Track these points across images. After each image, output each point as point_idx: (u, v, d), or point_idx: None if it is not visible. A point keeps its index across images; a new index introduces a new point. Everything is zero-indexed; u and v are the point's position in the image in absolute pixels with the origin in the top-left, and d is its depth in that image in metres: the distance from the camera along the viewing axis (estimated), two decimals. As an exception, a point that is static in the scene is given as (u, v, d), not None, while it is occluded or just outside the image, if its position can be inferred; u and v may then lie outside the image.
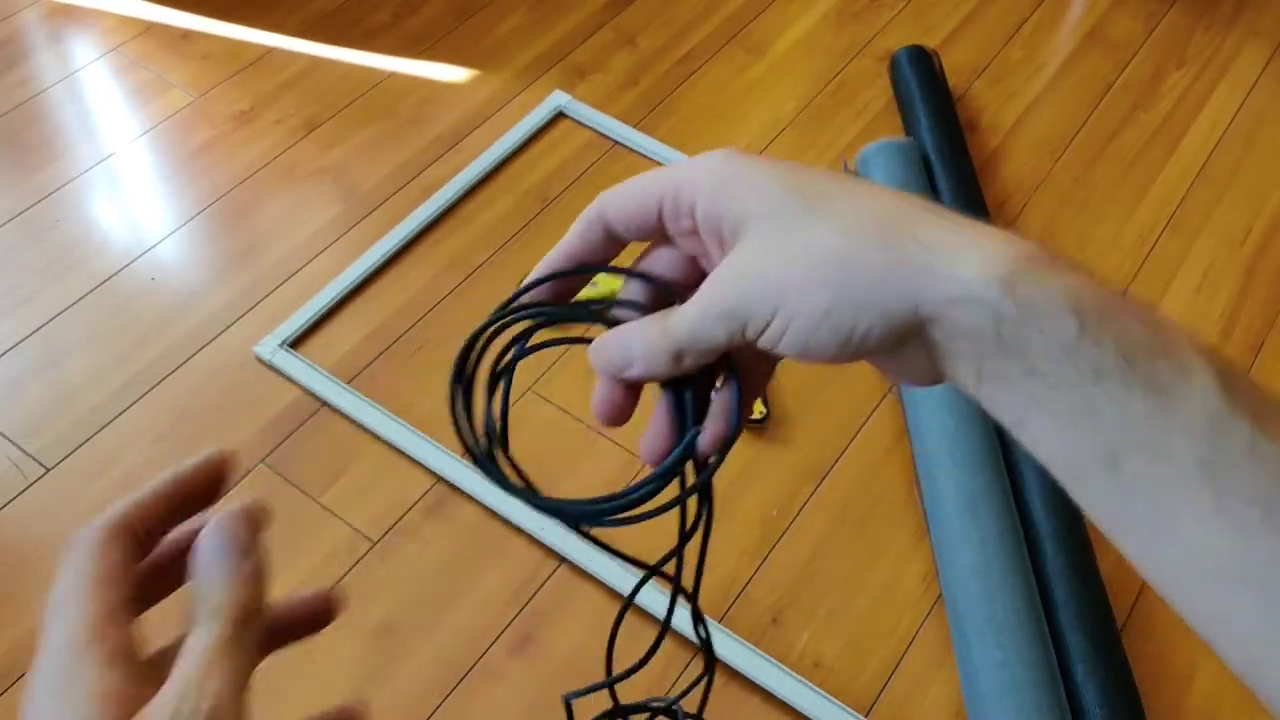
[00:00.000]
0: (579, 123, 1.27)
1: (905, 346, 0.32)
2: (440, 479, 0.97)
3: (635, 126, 1.27)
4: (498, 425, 0.38)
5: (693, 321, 0.33)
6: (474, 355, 0.37)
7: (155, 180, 1.19)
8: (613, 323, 0.37)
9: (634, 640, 0.41)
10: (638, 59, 1.36)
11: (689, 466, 0.38)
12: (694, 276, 0.36)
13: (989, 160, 1.27)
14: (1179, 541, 0.30)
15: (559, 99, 1.28)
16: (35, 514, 0.94)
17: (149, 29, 1.35)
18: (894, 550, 0.95)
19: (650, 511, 0.37)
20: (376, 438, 0.99)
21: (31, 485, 0.95)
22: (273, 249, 1.13)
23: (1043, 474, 0.94)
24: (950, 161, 1.17)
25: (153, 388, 1.02)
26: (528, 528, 0.93)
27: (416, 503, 0.96)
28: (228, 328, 1.07)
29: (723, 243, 0.33)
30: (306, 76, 1.31)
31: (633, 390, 0.38)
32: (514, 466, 0.38)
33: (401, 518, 0.95)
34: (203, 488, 0.33)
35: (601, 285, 1.08)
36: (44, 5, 1.36)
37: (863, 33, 1.41)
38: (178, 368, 1.03)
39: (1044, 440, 0.31)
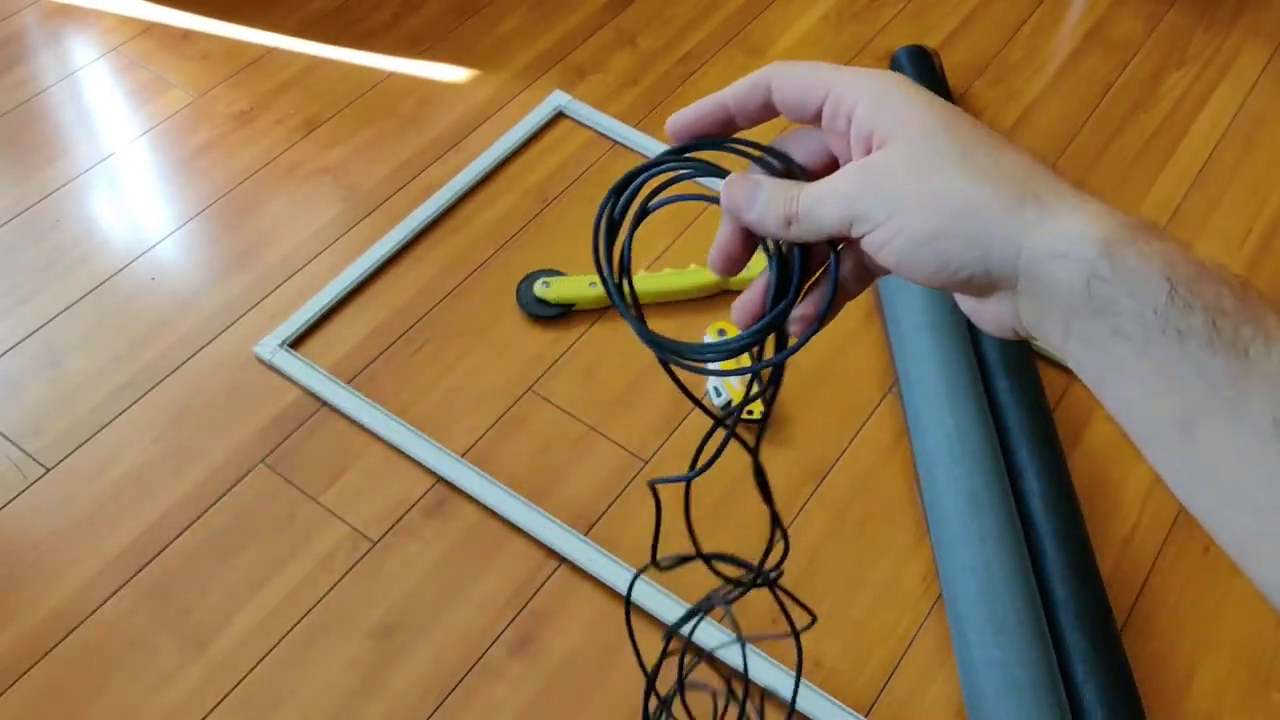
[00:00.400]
0: (579, 123, 1.27)
1: (995, 292, 0.34)
2: (440, 479, 0.97)
3: (635, 126, 1.27)
4: (625, 261, 0.42)
5: (815, 197, 0.36)
6: (622, 198, 0.41)
7: (155, 180, 1.19)
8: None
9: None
10: (638, 59, 1.36)
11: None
12: (826, 169, 0.38)
13: (989, 160, 1.27)
14: (1250, 503, 0.31)
15: (559, 99, 1.28)
16: (35, 514, 0.94)
17: (149, 29, 1.35)
18: (894, 550, 0.95)
19: (731, 370, 0.42)
20: (376, 438, 0.99)
21: (31, 485, 0.95)
22: (273, 249, 1.13)
23: (1042, 474, 0.94)
24: (950, 161, 1.17)
25: (153, 387, 1.02)
26: (528, 528, 0.93)
27: (417, 503, 0.96)
28: (228, 328, 1.07)
29: (868, 152, 0.36)
30: (306, 76, 1.31)
31: (747, 245, 0.40)
32: (634, 301, 0.42)
33: (401, 518, 0.95)
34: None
35: (602, 285, 1.08)
36: (44, 5, 1.36)
37: (863, 32, 1.41)
38: (178, 367, 1.03)
39: (1122, 400, 0.32)
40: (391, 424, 0.99)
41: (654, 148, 1.24)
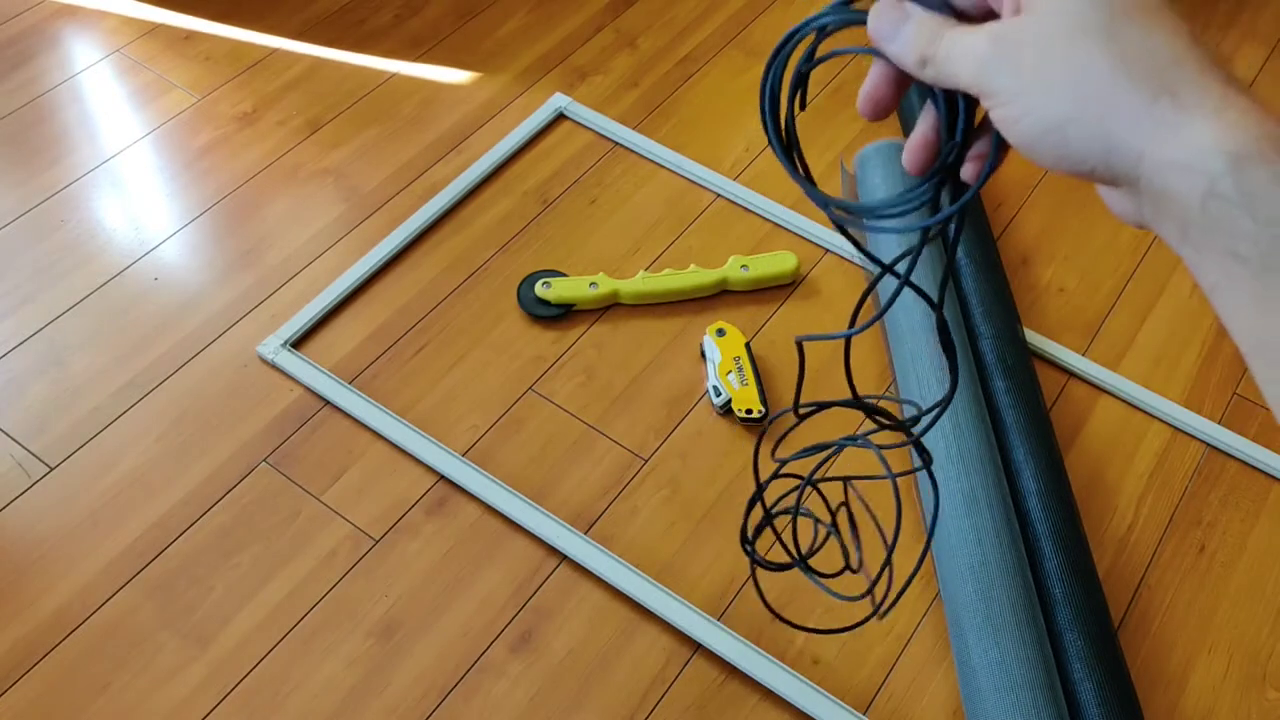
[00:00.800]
0: (580, 124, 1.28)
1: (1119, 187, 0.33)
2: (441, 478, 0.98)
3: (635, 128, 1.28)
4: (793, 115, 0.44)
5: (955, 46, 0.35)
6: (782, 55, 0.43)
7: (158, 181, 1.20)
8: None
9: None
10: (638, 61, 1.36)
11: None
12: (984, 13, 0.37)
13: (987, 162, 1.28)
14: None
15: (560, 101, 1.29)
16: (39, 513, 0.94)
17: (152, 31, 1.35)
18: (892, 549, 0.95)
19: (906, 225, 0.41)
20: (378, 437, 1.00)
21: (35, 484, 0.96)
22: (275, 249, 1.14)
23: (1039, 474, 0.94)
24: (948, 163, 1.18)
25: (156, 387, 1.03)
26: (528, 526, 0.94)
27: (418, 501, 0.96)
28: (230, 327, 1.07)
29: (1018, 5, 0.34)
30: (309, 78, 1.31)
31: (895, 89, 0.40)
32: (801, 160, 0.44)
33: (403, 516, 0.95)
34: None
35: (602, 286, 1.09)
36: (47, 7, 1.36)
37: (862, 34, 1.41)
38: (180, 367, 1.04)
39: (1232, 312, 0.31)
40: (393, 423, 1.00)
41: (654, 149, 1.24)
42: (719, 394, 1.02)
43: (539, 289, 1.09)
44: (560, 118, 1.28)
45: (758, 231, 1.19)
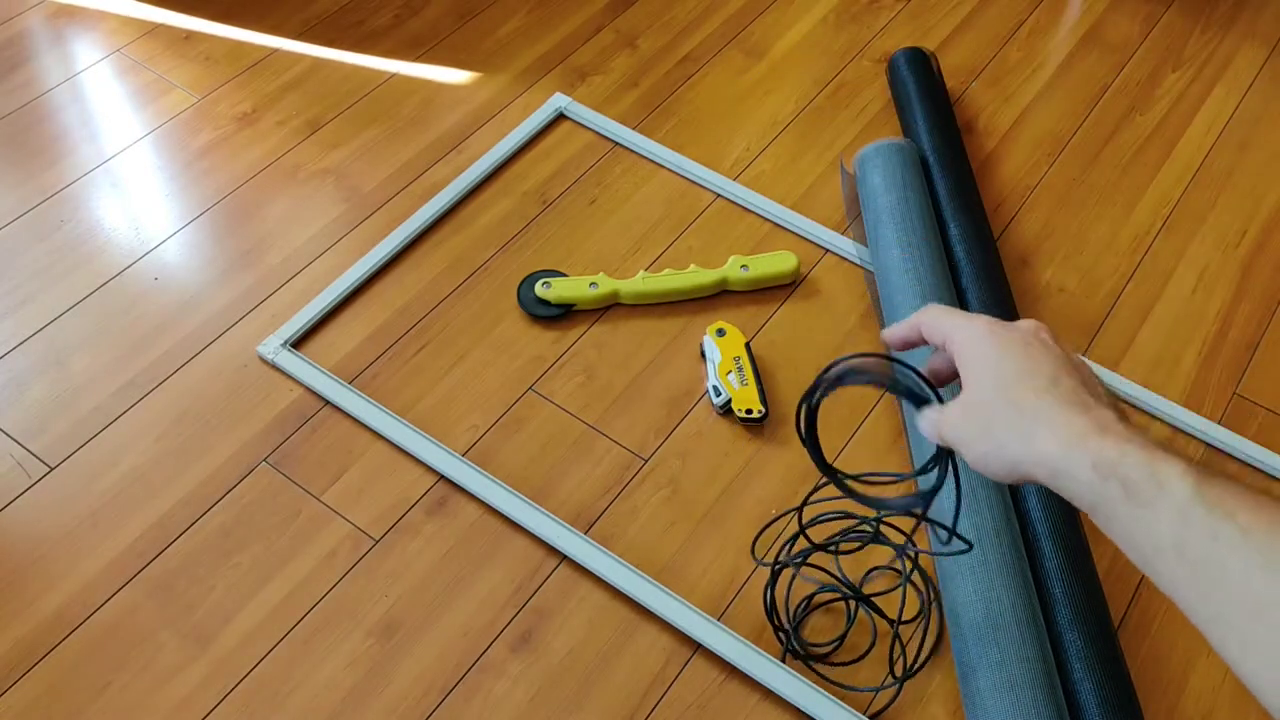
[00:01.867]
0: (580, 124, 1.28)
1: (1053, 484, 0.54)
2: (442, 477, 0.98)
3: (635, 128, 1.28)
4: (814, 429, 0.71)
5: (944, 423, 0.61)
6: (816, 397, 0.67)
7: (158, 181, 1.20)
8: (907, 392, 0.65)
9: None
10: (638, 61, 1.36)
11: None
12: (953, 372, 0.63)
13: (986, 161, 1.28)
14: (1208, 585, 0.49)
15: (559, 101, 1.29)
16: (39, 512, 0.94)
17: (152, 31, 1.35)
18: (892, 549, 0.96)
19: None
20: (378, 436, 1.00)
21: (35, 484, 0.96)
22: (275, 249, 1.14)
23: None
24: (948, 162, 1.18)
25: (156, 387, 1.03)
26: (528, 526, 0.94)
27: (418, 501, 0.96)
28: (230, 327, 1.07)
29: (962, 379, 0.60)
30: (308, 78, 1.31)
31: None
32: (846, 477, 0.71)
33: (403, 516, 0.95)
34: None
35: (602, 286, 1.09)
36: (47, 7, 1.36)
37: (861, 34, 1.42)
38: (181, 367, 1.04)
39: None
40: (393, 423, 1.00)
41: (654, 149, 1.25)
42: (719, 394, 1.02)
43: (539, 289, 1.09)
44: (560, 118, 1.28)
45: (758, 231, 1.19)
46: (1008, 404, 0.54)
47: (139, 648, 0.87)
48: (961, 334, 0.59)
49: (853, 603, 0.90)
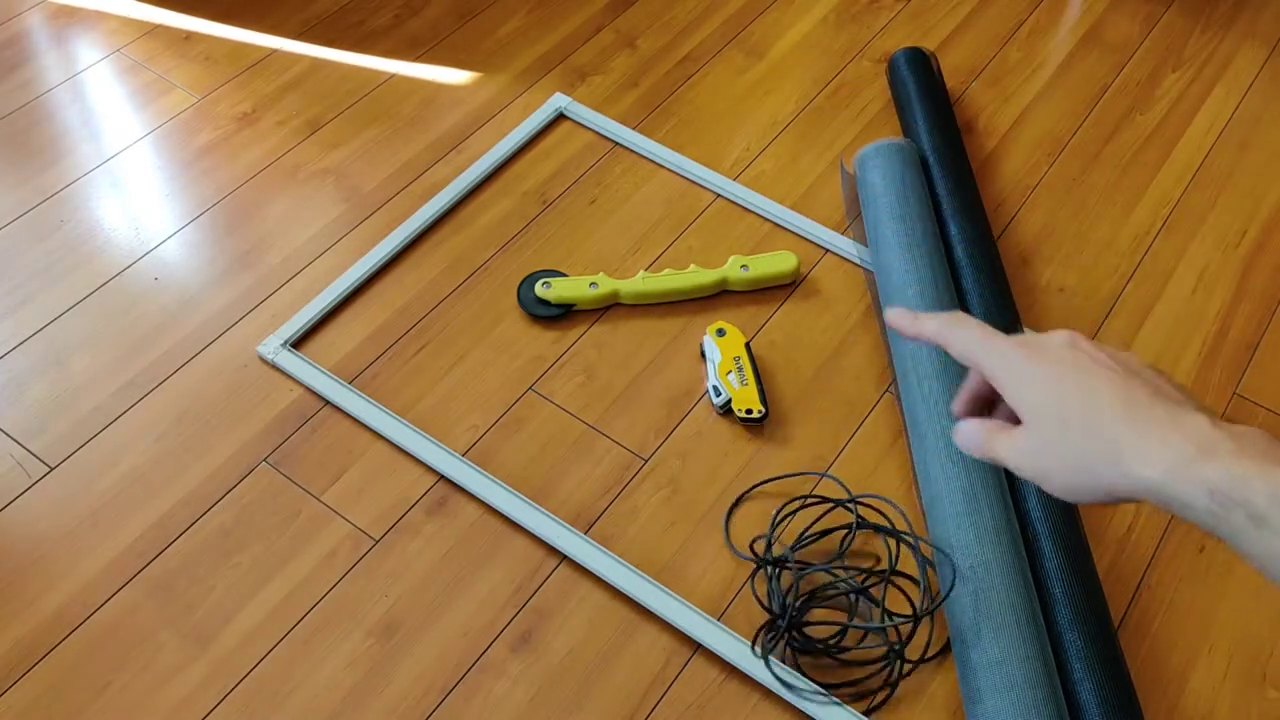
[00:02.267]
0: (580, 124, 1.28)
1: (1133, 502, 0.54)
2: (442, 477, 0.98)
3: (635, 128, 1.28)
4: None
5: (1016, 461, 0.55)
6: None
7: (158, 181, 1.20)
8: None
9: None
10: (638, 61, 1.36)
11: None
12: (993, 392, 0.59)
13: (987, 161, 1.28)
14: None
15: (559, 101, 1.29)
16: (39, 512, 0.94)
17: (152, 31, 1.35)
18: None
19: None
20: (378, 436, 1.00)
21: (35, 484, 0.96)
22: (275, 249, 1.14)
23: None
24: (948, 162, 1.18)
25: (156, 387, 1.03)
26: (528, 526, 0.94)
27: (418, 501, 0.96)
28: (230, 327, 1.07)
29: (1019, 415, 0.55)
30: (308, 78, 1.31)
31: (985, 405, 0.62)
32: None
33: (403, 516, 0.95)
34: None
35: (602, 286, 1.09)
36: (47, 7, 1.36)
37: (861, 34, 1.42)
38: (180, 367, 1.04)
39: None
40: (393, 423, 1.00)
41: (654, 149, 1.25)
42: (719, 394, 1.02)
43: (539, 289, 1.09)
44: (560, 118, 1.28)
45: (758, 231, 1.19)
46: (1085, 433, 0.51)
47: (139, 648, 0.87)
48: (995, 362, 0.56)
49: (853, 596, 0.90)
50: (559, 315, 1.09)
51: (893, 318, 0.61)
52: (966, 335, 0.58)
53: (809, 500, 0.96)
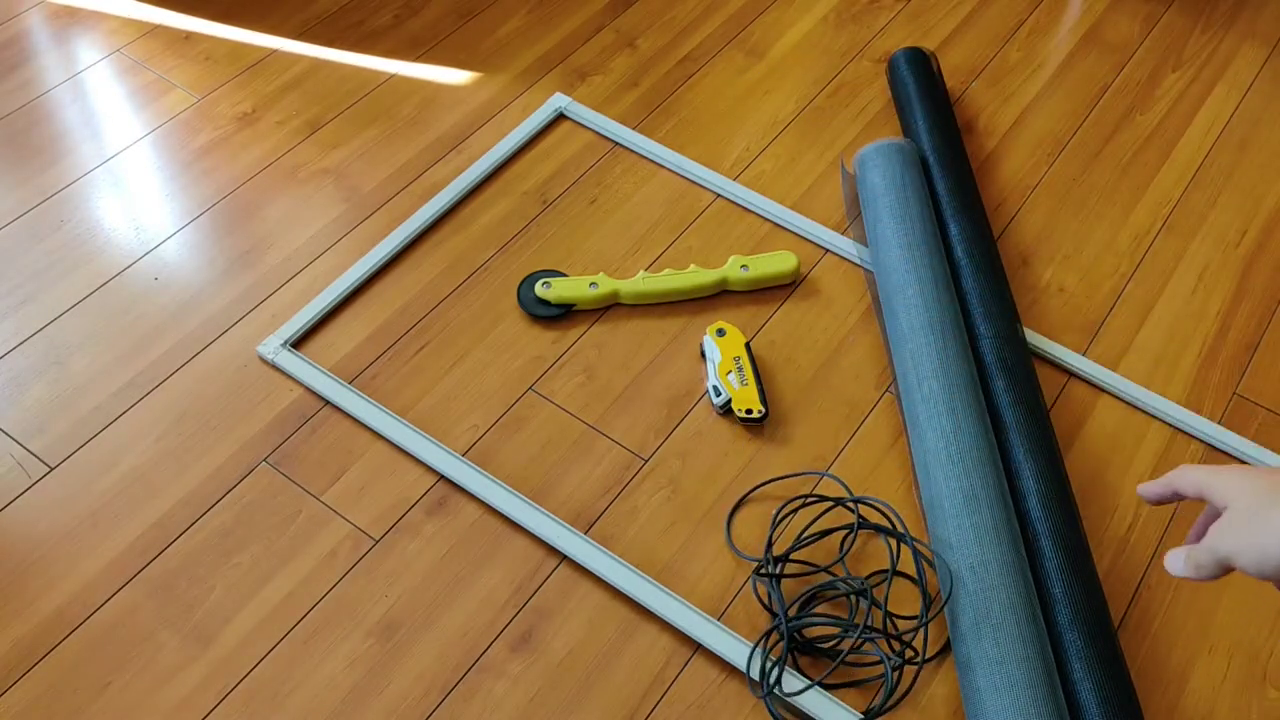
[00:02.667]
0: (580, 124, 1.28)
1: None
2: (442, 477, 0.98)
3: (635, 128, 1.28)
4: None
5: (1215, 544, 0.59)
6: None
7: (158, 181, 1.20)
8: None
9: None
10: (638, 61, 1.36)
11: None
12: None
13: (987, 161, 1.28)
14: None
15: (559, 101, 1.29)
16: (39, 512, 0.94)
17: (152, 31, 1.35)
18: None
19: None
20: (378, 436, 1.00)
21: (35, 484, 0.96)
22: (275, 249, 1.14)
23: (1038, 473, 0.95)
24: (948, 162, 1.18)
25: (156, 386, 1.03)
26: (528, 526, 0.94)
27: (418, 501, 0.96)
28: (230, 327, 1.07)
29: (1220, 507, 0.61)
30: (308, 78, 1.31)
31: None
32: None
33: (403, 516, 0.95)
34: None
35: (602, 286, 1.09)
36: (47, 7, 1.36)
37: (861, 34, 1.42)
38: (181, 367, 1.04)
39: None
40: (393, 423, 1.00)
41: (654, 149, 1.24)
42: (719, 394, 1.02)
43: (539, 289, 1.09)
44: (560, 118, 1.28)
45: (758, 231, 1.19)
46: (1273, 502, 0.57)
47: (139, 648, 0.87)
48: (1215, 478, 0.61)
49: (854, 596, 0.90)
50: (559, 315, 1.09)
51: (1143, 492, 0.67)
52: (1191, 469, 0.64)
53: (809, 499, 0.96)
